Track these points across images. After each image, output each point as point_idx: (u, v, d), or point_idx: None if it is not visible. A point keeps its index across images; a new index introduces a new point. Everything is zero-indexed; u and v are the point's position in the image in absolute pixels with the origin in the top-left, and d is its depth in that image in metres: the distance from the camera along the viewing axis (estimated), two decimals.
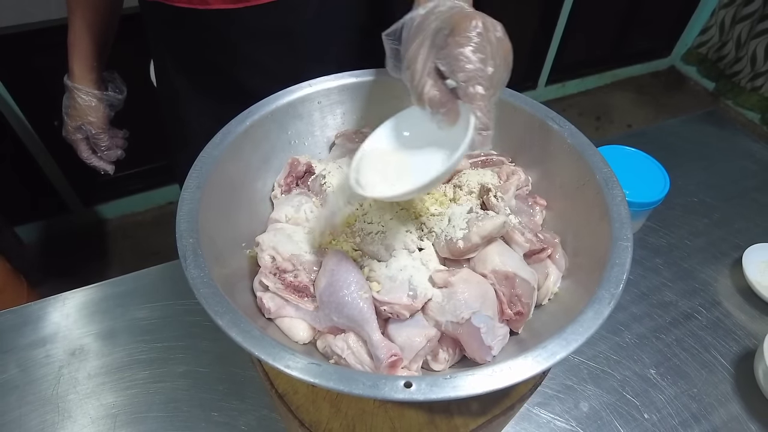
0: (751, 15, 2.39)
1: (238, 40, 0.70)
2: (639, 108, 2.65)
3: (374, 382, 0.36)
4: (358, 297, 0.45)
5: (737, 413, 0.66)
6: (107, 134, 0.86)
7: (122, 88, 0.87)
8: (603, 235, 0.47)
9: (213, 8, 0.66)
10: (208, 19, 0.67)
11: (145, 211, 2.07)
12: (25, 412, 0.65)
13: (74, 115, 0.83)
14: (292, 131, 0.62)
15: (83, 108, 0.82)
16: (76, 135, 0.85)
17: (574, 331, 0.39)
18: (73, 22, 0.78)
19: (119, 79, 0.87)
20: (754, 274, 0.80)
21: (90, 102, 0.82)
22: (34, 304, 0.77)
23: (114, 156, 0.90)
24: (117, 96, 0.86)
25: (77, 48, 0.79)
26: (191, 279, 0.41)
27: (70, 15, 0.77)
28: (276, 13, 0.68)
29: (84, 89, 0.81)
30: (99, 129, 0.85)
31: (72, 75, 0.81)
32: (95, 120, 0.84)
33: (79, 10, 0.77)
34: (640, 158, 0.83)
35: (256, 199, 0.59)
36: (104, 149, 0.87)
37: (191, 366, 0.70)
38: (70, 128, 0.85)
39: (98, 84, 0.83)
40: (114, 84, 0.86)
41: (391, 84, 0.64)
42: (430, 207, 0.56)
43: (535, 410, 0.66)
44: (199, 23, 0.69)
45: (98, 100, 0.83)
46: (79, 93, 0.81)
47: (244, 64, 0.73)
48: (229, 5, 0.65)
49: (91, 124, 0.84)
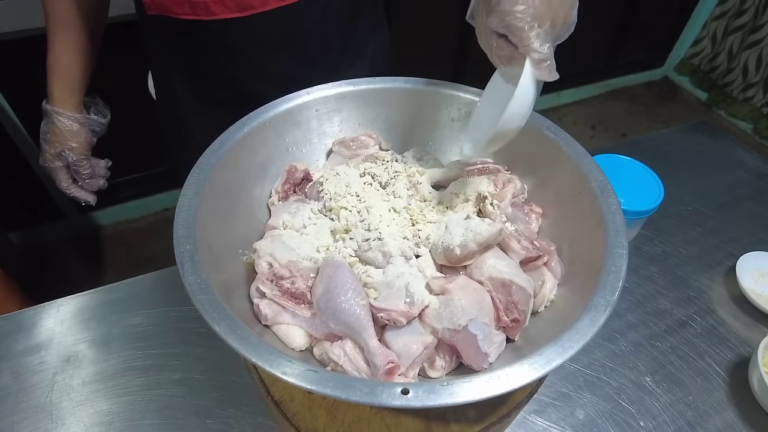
0: (743, 27, 2.42)
1: (243, 48, 0.70)
2: (633, 117, 2.67)
3: (371, 389, 0.36)
4: (355, 304, 0.46)
5: (732, 421, 0.67)
6: (89, 161, 0.81)
7: (105, 113, 0.82)
8: (598, 242, 0.48)
9: (219, 18, 0.66)
10: (213, 28, 0.68)
11: (141, 217, 2.06)
12: (17, 420, 0.65)
13: (54, 141, 0.77)
14: (290, 138, 0.63)
15: (64, 133, 0.76)
16: (55, 162, 0.79)
17: (570, 338, 0.40)
18: (53, 42, 0.73)
19: (102, 103, 0.82)
20: (748, 282, 0.80)
21: (71, 126, 0.77)
22: (28, 311, 0.77)
23: (96, 185, 0.84)
24: (100, 120, 0.80)
25: (57, 70, 0.75)
26: (188, 285, 0.41)
27: (50, 36, 0.73)
28: (281, 20, 0.68)
29: (65, 113, 0.76)
30: (81, 155, 0.79)
31: (51, 98, 0.76)
32: (77, 146, 0.78)
33: (60, 30, 0.73)
34: (634, 167, 0.84)
35: (254, 206, 0.59)
36: (85, 177, 0.81)
37: (186, 373, 0.69)
38: (49, 155, 0.78)
39: (80, 108, 0.78)
40: (96, 108, 0.81)
41: (387, 92, 0.65)
42: (427, 214, 0.56)
43: (531, 418, 0.66)
44: (205, 33, 0.69)
45: (80, 124, 0.78)
46: (59, 117, 0.76)
47: (250, 71, 0.73)
48: (235, 14, 0.66)
49: (72, 149, 0.78)
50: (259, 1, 0.66)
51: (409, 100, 0.66)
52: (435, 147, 0.68)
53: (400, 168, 0.61)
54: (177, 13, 0.66)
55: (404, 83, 0.65)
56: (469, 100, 0.64)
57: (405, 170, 0.61)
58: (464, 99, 0.64)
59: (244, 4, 0.65)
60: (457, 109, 0.65)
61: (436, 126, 0.67)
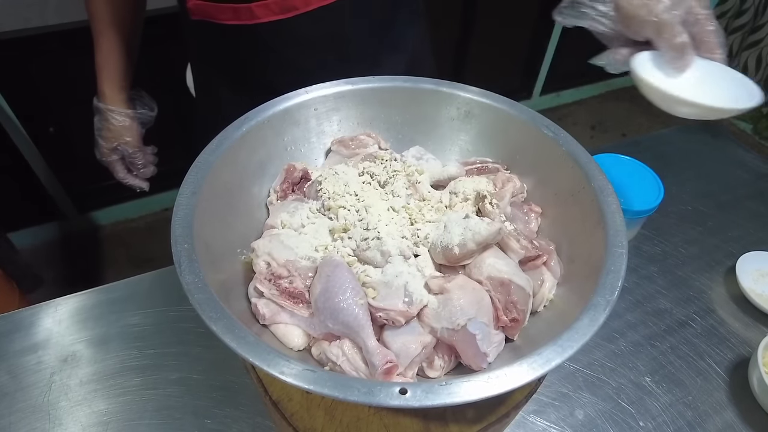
0: (743, 27, 2.42)
1: (285, 49, 0.72)
2: (633, 118, 2.67)
3: (369, 389, 0.36)
4: (353, 303, 0.45)
5: (732, 421, 0.66)
6: (142, 152, 0.87)
7: (152, 105, 0.87)
8: (598, 242, 0.48)
9: (262, 21, 0.67)
10: (256, 31, 0.69)
11: (140, 217, 2.06)
12: (14, 420, 0.65)
13: (109, 137, 0.83)
14: (289, 138, 0.62)
15: (118, 129, 0.82)
16: (112, 156, 0.85)
17: (569, 338, 0.39)
18: (101, 43, 0.78)
19: (147, 96, 0.87)
20: (748, 281, 0.80)
21: (124, 122, 0.82)
22: (25, 310, 0.76)
23: (149, 173, 0.90)
24: (149, 113, 0.86)
25: (106, 69, 0.79)
26: (186, 284, 0.41)
27: (97, 36, 0.77)
28: (323, 19, 0.70)
29: (117, 110, 0.81)
30: (135, 148, 0.85)
31: (103, 96, 0.81)
32: (131, 139, 0.84)
33: (105, 30, 0.77)
34: (634, 167, 0.84)
35: (252, 205, 0.59)
36: (140, 167, 0.88)
37: (184, 373, 0.69)
38: (105, 150, 0.84)
39: (128, 103, 0.83)
40: (142, 101, 0.86)
41: (386, 92, 0.65)
42: (426, 214, 0.56)
43: (530, 418, 0.66)
44: (247, 36, 0.70)
45: (131, 119, 0.83)
46: (113, 114, 0.81)
47: (290, 70, 0.74)
48: (278, 16, 0.67)
49: (127, 144, 0.84)
50: (303, 2, 0.67)
51: (408, 99, 0.65)
52: (434, 146, 0.68)
53: (399, 167, 0.61)
54: (220, 18, 0.67)
55: (403, 82, 0.65)
56: (469, 99, 0.64)
57: (404, 169, 0.61)
58: (463, 98, 0.64)
59: (288, 5, 0.67)
60: (457, 108, 0.65)
61: (436, 125, 0.67)
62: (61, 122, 1.62)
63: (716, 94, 0.50)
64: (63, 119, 1.61)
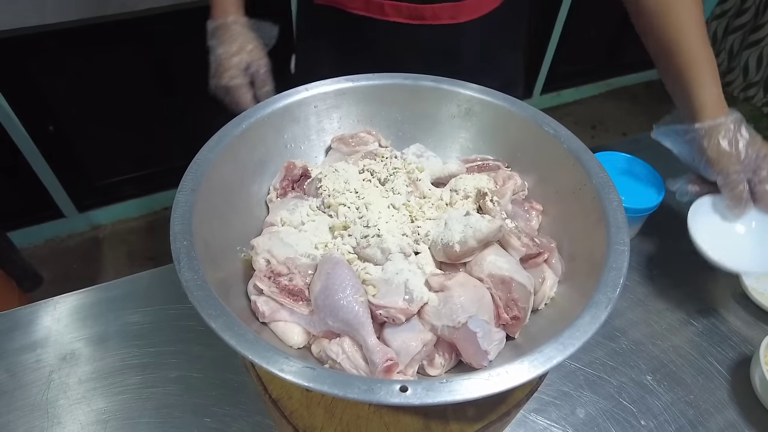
0: (743, 26, 2.42)
1: (398, 51, 0.73)
2: (633, 117, 2.67)
3: (369, 386, 0.35)
4: (353, 300, 0.45)
5: (734, 420, 0.66)
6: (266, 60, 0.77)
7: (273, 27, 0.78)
8: (599, 239, 0.47)
9: (389, 20, 0.68)
10: (378, 28, 0.70)
11: (140, 216, 2.06)
12: (13, 418, 0.64)
13: (233, 51, 0.73)
14: (289, 135, 0.62)
15: (243, 39, 0.74)
16: (239, 79, 0.74)
17: (570, 336, 0.39)
18: None
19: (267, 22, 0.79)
20: (750, 280, 0.80)
21: (248, 32, 0.74)
22: (24, 308, 0.76)
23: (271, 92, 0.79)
24: (271, 25, 0.77)
25: None
26: (184, 282, 0.41)
27: None
28: (444, 35, 0.72)
29: (243, 20, 0.74)
30: (259, 56, 0.75)
31: (225, 13, 0.74)
32: (262, 56, 0.75)
33: None
34: (635, 165, 0.84)
35: (252, 203, 0.58)
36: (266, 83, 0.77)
37: (184, 371, 0.69)
38: (234, 72, 0.74)
39: None
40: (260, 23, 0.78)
41: (386, 89, 0.65)
42: (426, 211, 0.55)
43: (531, 416, 0.66)
44: (368, 30, 0.71)
45: (254, 29, 0.76)
46: (236, 25, 0.74)
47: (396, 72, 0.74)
48: (406, 20, 0.68)
49: (260, 60, 0.75)
50: (431, 15, 0.69)
51: (408, 97, 0.65)
52: (434, 144, 0.67)
53: (399, 164, 0.61)
54: (349, 7, 0.68)
55: (403, 80, 0.64)
56: (469, 97, 0.64)
57: (404, 167, 0.61)
58: (464, 95, 0.64)
59: (417, 14, 0.68)
60: (457, 105, 0.65)
61: (436, 122, 0.67)
62: (61, 121, 1.62)
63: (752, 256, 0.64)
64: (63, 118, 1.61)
